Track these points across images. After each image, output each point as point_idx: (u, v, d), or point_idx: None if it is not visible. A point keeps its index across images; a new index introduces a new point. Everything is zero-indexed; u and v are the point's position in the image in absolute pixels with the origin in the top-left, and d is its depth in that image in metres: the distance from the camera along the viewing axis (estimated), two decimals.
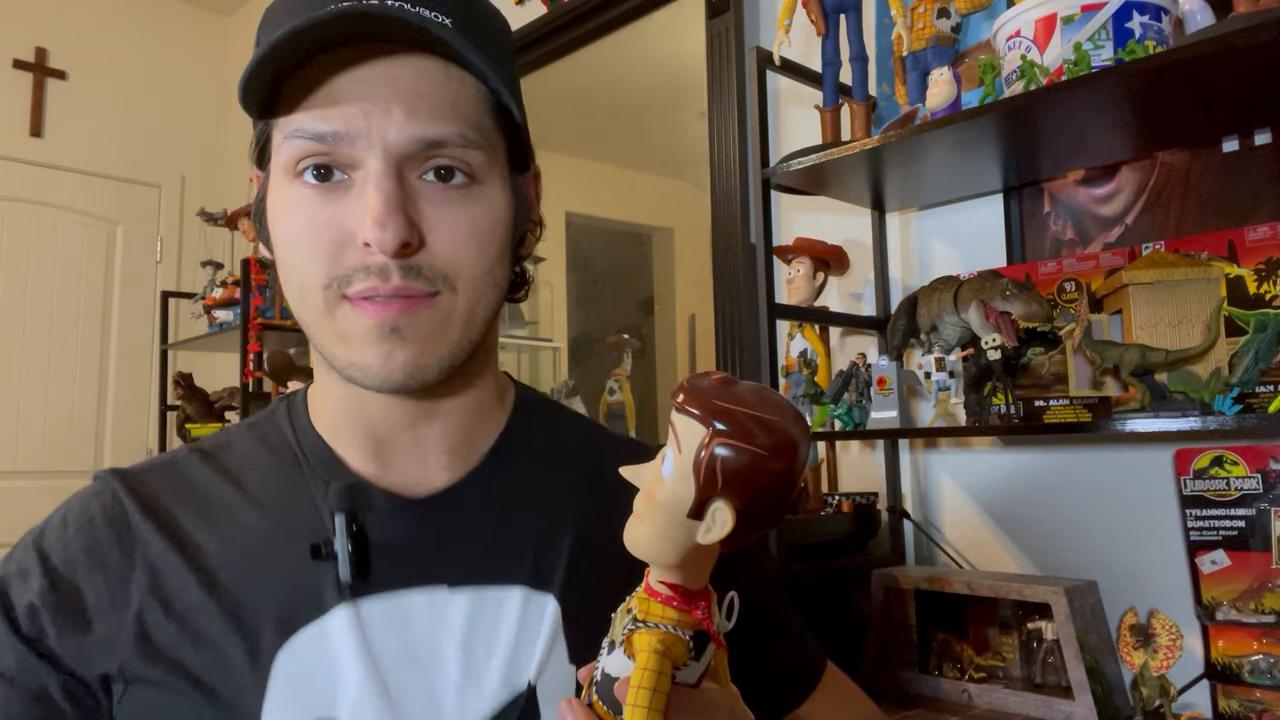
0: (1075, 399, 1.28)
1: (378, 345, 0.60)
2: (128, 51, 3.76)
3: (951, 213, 1.58)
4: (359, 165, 0.60)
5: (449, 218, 0.61)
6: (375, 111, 0.59)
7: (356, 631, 0.62)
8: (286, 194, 0.62)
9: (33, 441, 3.41)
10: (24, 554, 0.65)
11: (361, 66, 0.59)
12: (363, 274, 0.59)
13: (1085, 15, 1.14)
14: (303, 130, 0.59)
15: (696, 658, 0.48)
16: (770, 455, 0.43)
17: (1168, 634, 1.15)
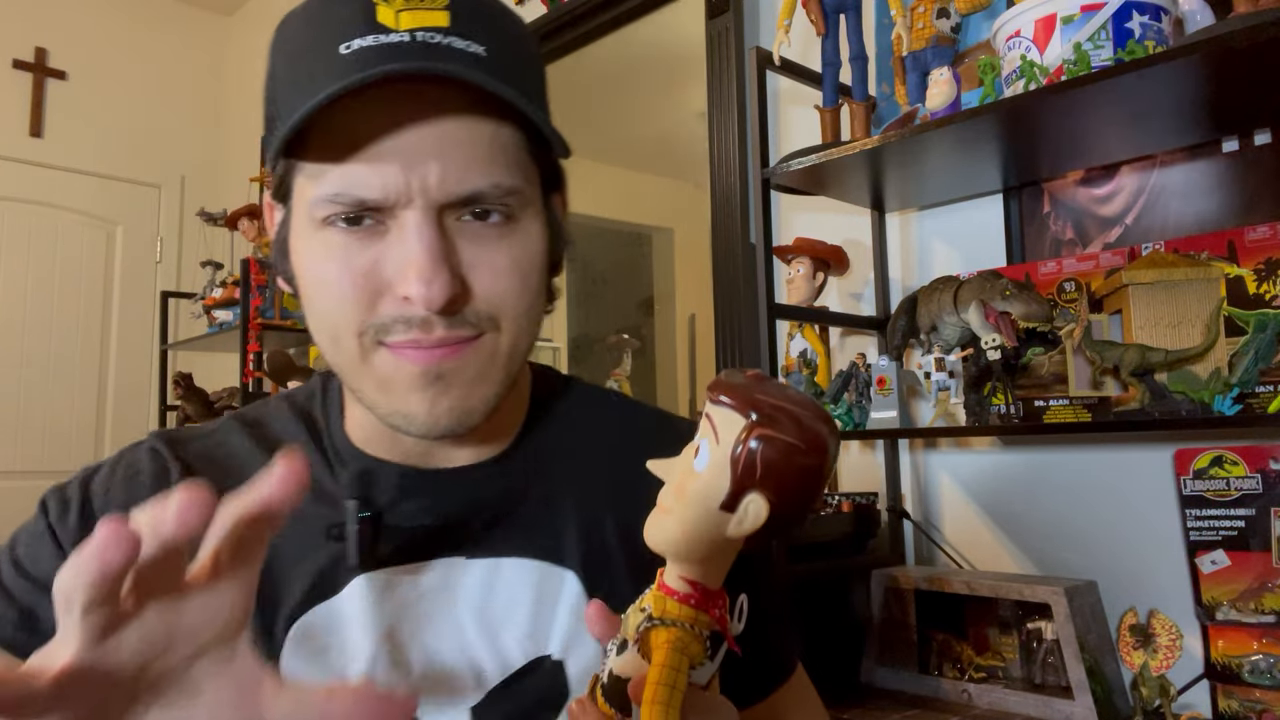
0: (1075, 399, 1.28)
1: (421, 393, 0.59)
2: (127, 51, 3.76)
3: (951, 213, 1.58)
4: (394, 214, 0.57)
5: (489, 258, 0.59)
6: (415, 166, 0.56)
7: (368, 605, 0.62)
8: (314, 239, 0.59)
9: (33, 441, 3.41)
10: (73, 486, 0.66)
11: (395, 112, 0.56)
12: (403, 326, 0.57)
13: (1085, 15, 1.14)
14: (343, 197, 0.56)
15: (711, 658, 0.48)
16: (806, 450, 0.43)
17: (1167, 634, 1.15)
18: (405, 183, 0.55)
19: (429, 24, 0.56)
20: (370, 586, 0.63)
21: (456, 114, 0.56)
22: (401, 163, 0.55)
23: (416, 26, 0.55)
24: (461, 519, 0.66)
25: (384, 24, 0.55)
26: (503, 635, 0.63)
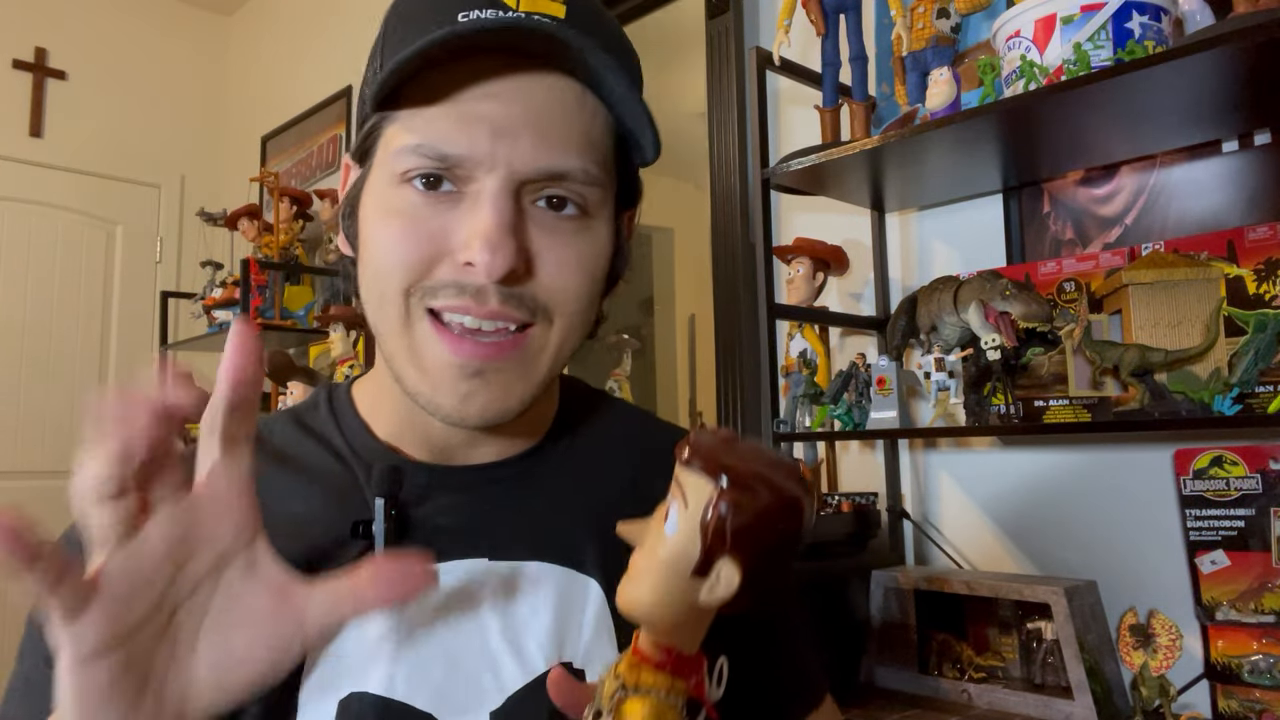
0: (1075, 399, 1.28)
1: (454, 385, 0.58)
2: (128, 51, 3.76)
3: (951, 213, 1.58)
4: (473, 181, 0.57)
5: (557, 248, 0.58)
6: (504, 134, 0.56)
7: None
8: (389, 196, 0.59)
9: (33, 441, 3.41)
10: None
11: (494, 81, 0.56)
12: (454, 290, 0.57)
13: (1085, 15, 1.14)
14: (426, 148, 0.56)
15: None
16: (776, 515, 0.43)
17: (1167, 634, 1.15)
18: (491, 149, 0.56)
19: (545, 10, 0.57)
20: None
21: (554, 94, 0.57)
22: (491, 128, 0.56)
23: (534, 10, 0.56)
24: (487, 519, 0.65)
25: (505, 2, 0.56)
26: (525, 640, 0.62)
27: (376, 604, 0.46)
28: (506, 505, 0.66)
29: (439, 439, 0.66)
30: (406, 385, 0.60)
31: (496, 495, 0.66)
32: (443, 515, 0.65)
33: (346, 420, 0.69)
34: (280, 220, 2.86)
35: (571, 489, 0.69)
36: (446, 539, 0.64)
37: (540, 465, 0.69)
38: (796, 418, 1.50)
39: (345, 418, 0.69)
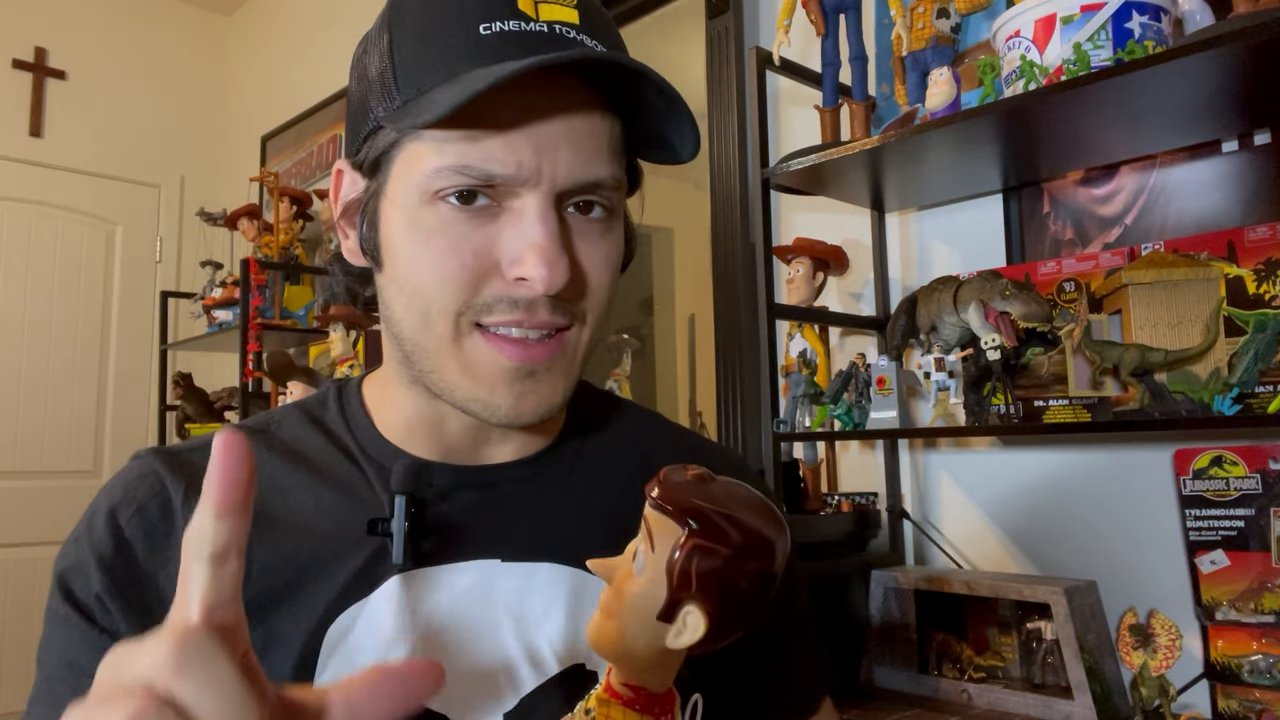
0: (1075, 399, 1.28)
1: (510, 386, 0.59)
2: (128, 51, 3.76)
3: (951, 213, 1.58)
4: (510, 196, 0.58)
5: (592, 254, 0.60)
6: (545, 150, 0.57)
7: (406, 605, 0.61)
8: (422, 214, 0.58)
9: (33, 441, 3.41)
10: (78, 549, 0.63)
11: (531, 97, 0.56)
12: (507, 305, 0.58)
13: (1085, 15, 1.14)
14: (473, 170, 0.56)
15: None
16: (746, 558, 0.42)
17: (1167, 634, 1.15)
18: (537, 165, 0.56)
19: (563, 19, 0.58)
20: (407, 585, 0.62)
21: (582, 107, 0.58)
22: (534, 146, 0.56)
23: (554, 19, 0.57)
24: (501, 519, 0.65)
25: (524, 11, 0.57)
26: (538, 641, 0.62)
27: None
28: (520, 506, 0.66)
29: (452, 440, 0.66)
30: (457, 395, 0.61)
31: (511, 496, 0.66)
32: (458, 515, 0.65)
33: (356, 418, 0.69)
34: (280, 220, 2.86)
35: (583, 490, 0.69)
36: (461, 539, 0.64)
37: (553, 466, 0.69)
38: (796, 418, 1.50)
39: (355, 415, 0.69)
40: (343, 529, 0.63)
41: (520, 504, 0.66)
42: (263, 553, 0.62)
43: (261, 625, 0.60)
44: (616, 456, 0.72)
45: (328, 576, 0.61)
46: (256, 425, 0.70)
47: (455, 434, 0.66)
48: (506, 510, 0.66)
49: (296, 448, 0.67)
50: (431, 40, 0.57)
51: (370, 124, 0.61)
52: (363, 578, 0.62)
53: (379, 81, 0.60)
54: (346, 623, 0.61)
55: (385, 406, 0.68)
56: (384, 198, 0.61)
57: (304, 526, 0.63)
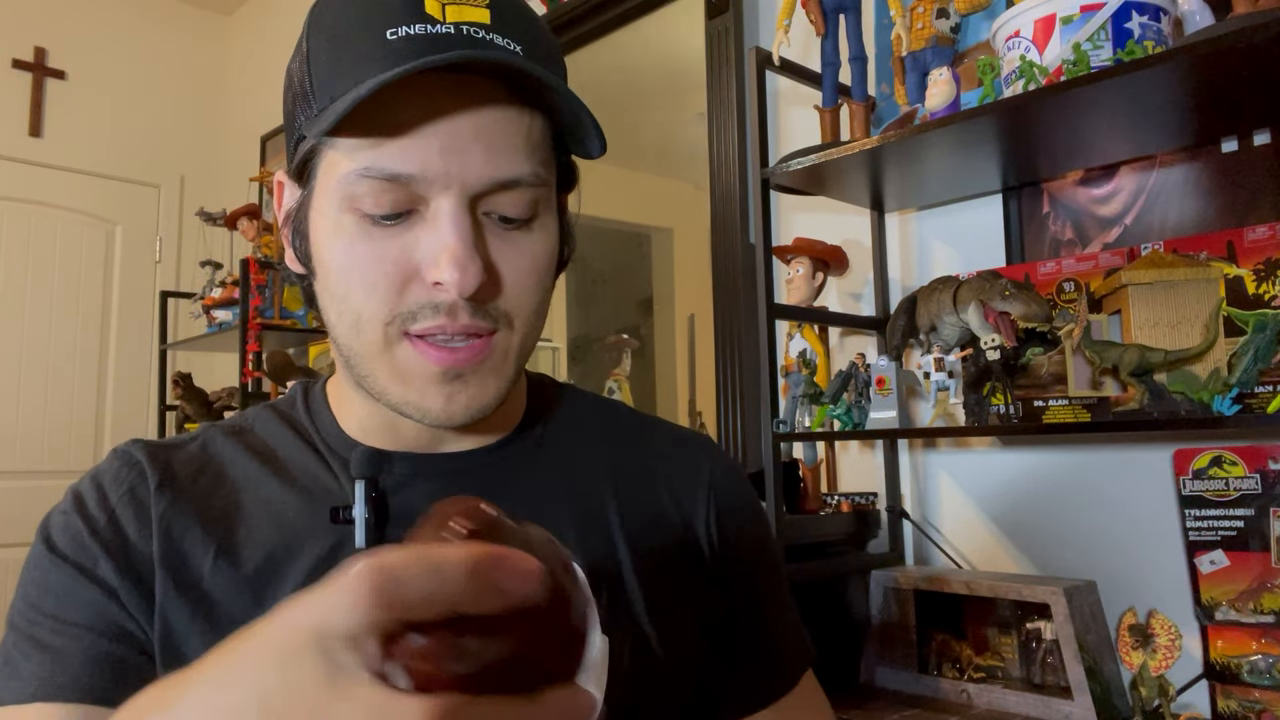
0: (1074, 399, 1.29)
1: (439, 388, 0.60)
2: (127, 51, 3.76)
3: (951, 213, 1.58)
4: (425, 200, 0.58)
5: (513, 257, 0.60)
6: (454, 150, 0.57)
7: None
8: (341, 222, 0.59)
9: (32, 441, 3.41)
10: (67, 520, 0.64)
11: (437, 98, 0.57)
12: (430, 311, 0.58)
13: (1084, 15, 1.14)
14: (375, 170, 0.57)
15: None
16: None
17: (1166, 634, 1.15)
18: (444, 167, 0.57)
19: (472, 19, 0.58)
20: None
21: (495, 105, 0.58)
22: (441, 147, 0.57)
23: (461, 20, 0.57)
24: None
25: (431, 14, 0.57)
26: None
27: None
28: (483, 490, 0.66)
29: (408, 437, 0.67)
30: (390, 399, 0.62)
31: (473, 483, 0.67)
32: (420, 502, 0.64)
33: (321, 415, 0.70)
34: None
35: (545, 476, 0.70)
36: None
37: (515, 454, 0.70)
38: (796, 418, 1.50)
39: (320, 413, 0.71)
40: (308, 520, 0.64)
41: (483, 488, 0.67)
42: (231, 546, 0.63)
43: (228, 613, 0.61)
44: (577, 440, 0.73)
45: (294, 566, 0.63)
46: (235, 426, 0.71)
47: (410, 433, 0.67)
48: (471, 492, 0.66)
49: (269, 445, 0.69)
50: (342, 48, 0.58)
51: (296, 134, 0.62)
52: (327, 565, 0.62)
53: (300, 91, 0.61)
54: None
55: (343, 406, 0.70)
56: (312, 207, 0.62)
57: (274, 519, 0.65)
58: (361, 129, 0.57)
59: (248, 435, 0.70)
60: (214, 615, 0.61)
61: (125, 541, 0.62)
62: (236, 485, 0.66)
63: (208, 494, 0.65)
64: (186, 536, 0.63)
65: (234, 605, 0.61)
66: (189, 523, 0.63)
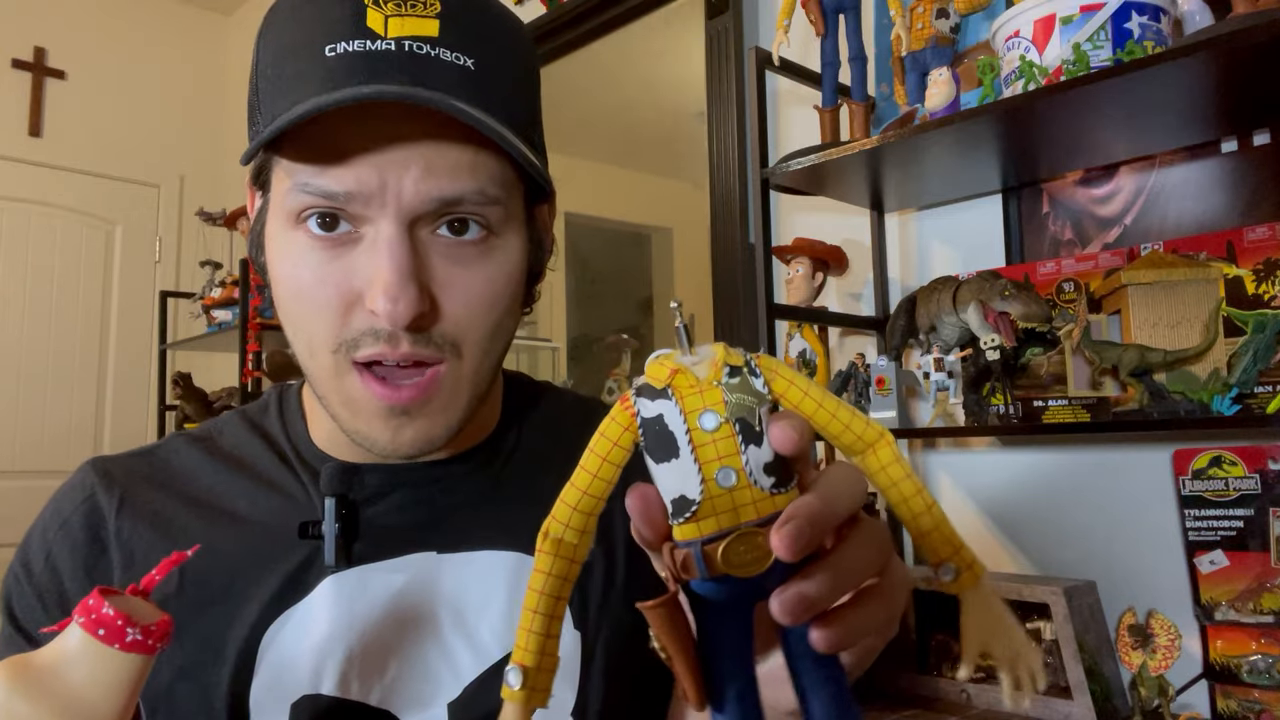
0: (1074, 399, 1.29)
1: (385, 421, 0.58)
2: (127, 51, 3.76)
3: (950, 213, 1.58)
4: (368, 221, 0.56)
5: (462, 280, 0.57)
6: (390, 170, 0.54)
7: (341, 606, 0.61)
8: (289, 240, 0.58)
9: (32, 441, 3.41)
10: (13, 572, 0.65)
11: (374, 118, 0.55)
12: (370, 338, 0.56)
13: (1084, 16, 1.14)
14: (311, 187, 0.55)
15: None
16: None
17: (1166, 634, 1.15)
18: (380, 184, 0.54)
19: (418, 33, 0.55)
20: (341, 586, 0.62)
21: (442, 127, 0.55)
22: (377, 165, 0.54)
23: (405, 35, 0.54)
24: (435, 514, 0.65)
25: (372, 29, 0.54)
26: (479, 629, 0.62)
27: None
28: (454, 498, 0.66)
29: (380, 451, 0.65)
30: (342, 425, 0.61)
31: (446, 490, 0.66)
32: (390, 514, 0.65)
33: (293, 424, 0.69)
34: None
35: (523, 476, 0.69)
36: (395, 537, 0.64)
37: (490, 459, 0.69)
38: None
39: (292, 421, 0.69)
40: (276, 533, 0.63)
41: (454, 496, 0.66)
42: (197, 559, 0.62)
43: (196, 629, 0.61)
44: (555, 440, 0.71)
45: (260, 581, 0.62)
46: (201, 433, 0.71)
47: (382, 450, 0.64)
48: (440, 504, 0.66)
49: (236, 454, 0.68)
50: (284, 63, 0.56)
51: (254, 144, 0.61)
52: (295, 582, 0.62)
53: (251, 103, 0.60)
54: (279, 627, 0.61)
55: (315, 414, 0.68)
56: (268, 220, 0.61)
57: (239, 531, 0.64)
58: (299, 148, 0.55)
59: (214, 444, 0.69)
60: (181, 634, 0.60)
61: (61, 590, 0.63)
62: (201, 498, 0.65)
63: (171, 509, 0.65)
64: (151, 555, 0.62)
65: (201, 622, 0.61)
66: (153, 539, 0.63)
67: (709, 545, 0.34)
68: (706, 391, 0.34)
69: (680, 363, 0.35)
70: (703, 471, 0.34)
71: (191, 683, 0.60)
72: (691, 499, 0.34)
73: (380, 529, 0.64)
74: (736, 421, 0.34)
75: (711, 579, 0.34)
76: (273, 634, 0.61)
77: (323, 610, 0.61)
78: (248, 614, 0.61)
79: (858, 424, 0.37)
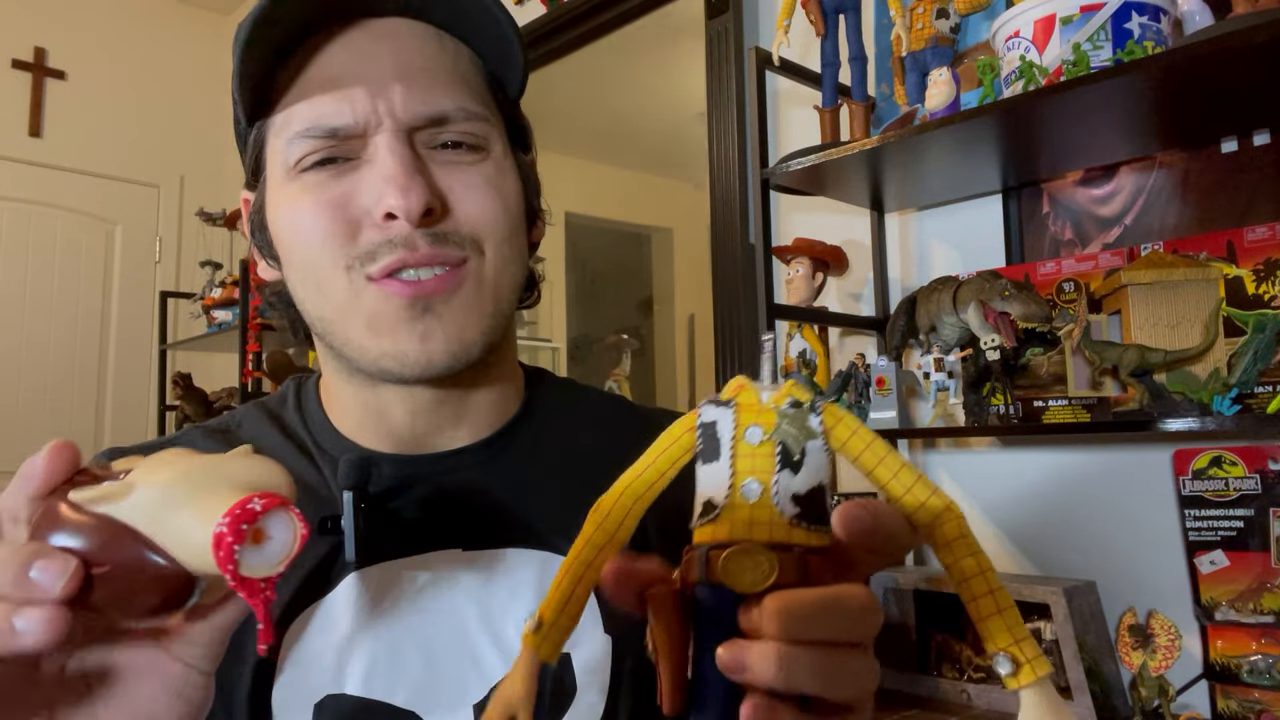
0: (1074, 399, 1.29)
1: (411, 326, 0.58)
2: (127, 51, 3.76)
3: (950, 213, 1.58)
4: (365, 146, 0.58)
5: (465, 180, 0.59)
6: (379, 91, 0.57)
7: (364, 603, 0.60)
8: (288, 193, 0.59)
9: (32, 441, 3.40)
10: None
11: (354, 44, 0.58)
12: (387, 248, 0.57)
13: (1084, 16, 1.14)
14: (314, 129, 0.57)
15: None
16: None
17: (1166, 634, 1.15)
18: (372, 106, 0.57)
19: None
20: (365, 583, 0.61)
21: (411, 41, 0.58)
22: (366, 88, 0.57)
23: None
24: (459, 508, 0.64)
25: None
26: (505, 629, 0.61)
27: None
28: (478, 492, 0.65)
29: (401, 430, 0.65)
30: (369, 355, 0.59)
31: (467, 483, 0.65)
32: (413, 507, 0.64)
33: (312, 414, 0.68)
34: None
35: (544, 471, 0.67)
36: (418, 533, 0.63)
37: (510, 449, 0.68)
38: None
39: (311, 411, 0.69)
40: None
41: (478, 490, 0.65)
42: None
43: None
44: (579, 435, 0.71)
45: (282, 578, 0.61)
46: (218, 426, 0.70)
47: (403, 424, 0.64)
48: (464, 498, 0.65)
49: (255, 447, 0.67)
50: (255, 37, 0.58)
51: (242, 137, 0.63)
52: (318, 578, 0.61)
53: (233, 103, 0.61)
54: (301, 624, 0.60)
55: (334, 402, 0.68)
56: (266, 198, 0.62)
57: None
58: (286, 95, 0.58)
59: (233, 436, 0.68)
60: None
61: None
62: None
63: None
64: None
65: None
66: None
67: (714, 551, 0.34)
68: (763, 412, 0.35)
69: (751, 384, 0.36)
70: (734, 480, 0.35)
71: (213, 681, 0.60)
72: (716, 503, 0.35)
73: (402, 524, 0.63)
74: (779, 443, 0.35)
75: (708, 583, 0.34)
76: (295, 631, 0.60)
77: (345, 608, 0.60)
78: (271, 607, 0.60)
79: (921, 490, 0.37)
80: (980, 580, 0.36)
